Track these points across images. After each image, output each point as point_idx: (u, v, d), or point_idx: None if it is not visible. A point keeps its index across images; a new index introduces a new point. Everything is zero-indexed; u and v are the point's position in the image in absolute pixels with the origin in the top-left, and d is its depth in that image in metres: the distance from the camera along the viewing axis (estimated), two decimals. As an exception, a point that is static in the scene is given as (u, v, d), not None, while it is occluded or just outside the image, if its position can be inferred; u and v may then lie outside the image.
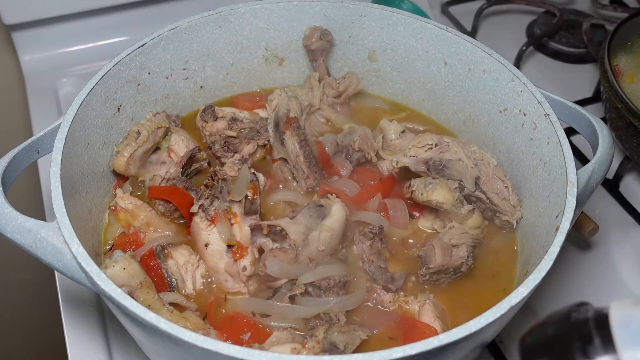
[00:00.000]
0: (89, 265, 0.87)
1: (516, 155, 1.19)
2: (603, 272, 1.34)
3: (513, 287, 1.07)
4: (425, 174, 1.17)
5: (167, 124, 1.23)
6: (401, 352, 0.78)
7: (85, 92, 1.09)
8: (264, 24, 1.33)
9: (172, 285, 1.07)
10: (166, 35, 1.23)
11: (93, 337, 1.20)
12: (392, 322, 1.05)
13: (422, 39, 1.29)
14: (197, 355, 0.81)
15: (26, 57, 1.73)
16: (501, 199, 1.14)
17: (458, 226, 1.13)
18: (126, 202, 1.14)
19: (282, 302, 1.02)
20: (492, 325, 0.83)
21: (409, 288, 1.10)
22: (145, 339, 0.92)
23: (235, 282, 1.07)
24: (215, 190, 1.11)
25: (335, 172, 1.24)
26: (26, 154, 1.04)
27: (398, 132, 1.27)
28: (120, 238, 1.13)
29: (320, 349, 0.95)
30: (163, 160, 1.22)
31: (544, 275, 0.88)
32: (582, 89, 1.70)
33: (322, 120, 1.35)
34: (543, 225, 1.05)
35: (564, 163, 1.02)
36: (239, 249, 1.07)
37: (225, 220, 1.09)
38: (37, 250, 0.92)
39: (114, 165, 1.17)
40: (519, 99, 1.16)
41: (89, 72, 1.60)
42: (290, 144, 1.21)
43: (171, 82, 1.30)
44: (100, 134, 1.15)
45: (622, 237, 1.40)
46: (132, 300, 0.83)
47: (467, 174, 1.15)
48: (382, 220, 1.15)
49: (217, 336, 1.00)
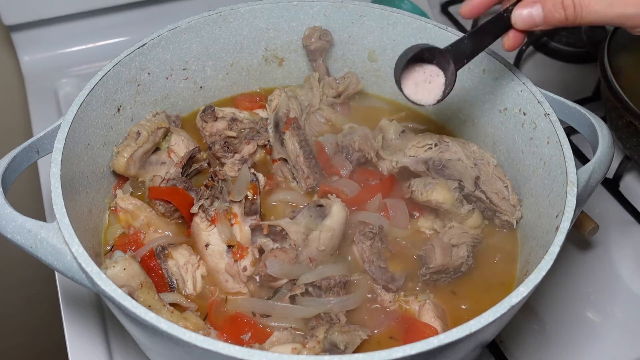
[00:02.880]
0: (89, 266, 0.87)
1: (516, 155, 1.19)
2: (603, 272, 1.34)
3: (513, 287, 1.07)
4: (425, 174, 1.17)
5: (167, 125, 1.23)
6: (401, 352, 0.78)
7: (85, 93, 1.09)
8: (263, 24, 1.33)
9: (172, 285, 1.07)
10: (166, 36, 1.23)
11: (93, 338, 1.20)
12: (393, 322, 1.05)
13: (422, 39, 1.29)
14: (197, 355, 0.82)
15: (26, 58, 1.73)
16: (501, 198, 1.14)
17: (458, 226, 1.13)
18: (126, 203, 1.14)
19: (283, 302, 1.03)
20: (492, 325, 0.83)
21: (409, 288, 1.10)
22: (145, 339, 0.92)
23: (235, 282, 1.07)
24: (215, 191, 1.11)
25: (335, 172, 1.24)
26: (26, 154, 1.04)
27: (398, 132, 1.26)
28: (120, 238, 1.13)
29: (321, 349, 0.95)
30: (163, 160, 1.22)
31: (544, 274, 0.88)
32: (582, 89, 1.70)
33: (322, 120, 1.35)
34: (543, 225, 1.05)
35: (564, 162, 1.02)
36: (239, 249, 1.07)
37: (225, 220, 1.09)
38: (38, 251, 0.92)
39: (114, 166, 1.17)
40: (518, 98, 1.16)
41: (88, 73, 1.61)
42: (290, 144, 1.21)
43: (171, 83, 1.30)
44: (100, 134, 1.15)
45: (622, 237, 1.40)
46: (132, 300, 0.83)
47: (466, 174, 1.15)
48: (382, 220, 1.15)
49: (218, 336, 1.00)
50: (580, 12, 0.89)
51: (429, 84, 1.03)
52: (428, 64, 1.03)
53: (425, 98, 1.04)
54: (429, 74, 1.03)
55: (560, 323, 1.26)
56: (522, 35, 1.00)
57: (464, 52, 1.02)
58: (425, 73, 1.03)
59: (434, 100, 1.03)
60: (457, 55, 1.01)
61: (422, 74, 1.03)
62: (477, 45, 1.03)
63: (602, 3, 0.88)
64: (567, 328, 1.25)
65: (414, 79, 1.03)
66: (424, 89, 1.03)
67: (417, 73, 1.03)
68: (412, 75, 1.03)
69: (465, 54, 1.02)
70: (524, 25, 0.97)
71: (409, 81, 1.03)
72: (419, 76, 1.03)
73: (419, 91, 1.03)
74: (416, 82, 1.03)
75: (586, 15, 0.89)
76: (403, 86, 1.03)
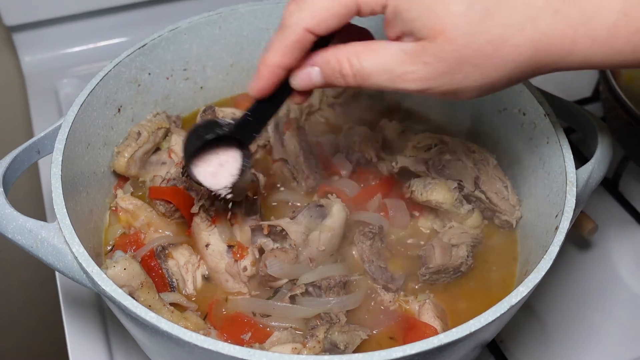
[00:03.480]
0: (89, 266, 0.87)
1: (516, 155, 1.19)
2: (603, 272, 1.34)
3: (513, 287, 1.07)
4: (425, 174, 1.17)
5: (167, 125, 1.23)
6: (401, 351, 0.78)
7: (86, 93, 1.10)
8: (263, 25, 1.33)
9: (172, 285, 1.08)
10: (166, 36, 1.24)
11: (94, 338, 1.20)
12: (393, 322, 1.05)
13: (422, 39, 1.29)
14: (197, 355, 0.82)
15: (27, 58, 1.73)
16: (501, 198, 1.14)
17: (458, 226, 1.13)
18: (127, 203, 1.14)
19: (283, 302, 1.03)
20: (492, 324, 0.83)
21: (409, 288, 1.10)
22: (146, 339, 0.92)
23: (235, 282, 1.08)
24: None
25: (335, 172, 1.24)
26: (27, 154, 1.04)
27: (398, 132, 1.27)
28: (121, 238, 1.13)
29: (321, 349, 0.95)
30: (163, 160, 1.22)
31: (543, 274, 0.88)
32: (582, 89, 1.70)
33: (322, 120, 1.35)
34: (542, 225, 1.05)
35: (563, 162, 1.02)
36: (240, 249, 1.07)
37: (225, 220, 1.09)
38: (38, 251, 0.93)
39: (114, 166, 1.17)
40: (518, 98, 1.16)
41: (89, 73, 1.60)
42: (291, 145, 1.21)
43: (171, 83, 1.30)
44: (101, 134, 1.15)
45: (621, 237, 1.40)
46: (132, 300, 0.83)
47: (466, 174, 1.15)
48: (382, 220, 1.15)
49: (218, 336, 1.00)
50: (362, 81, 0.82)
51: (222, 167, 0.97)
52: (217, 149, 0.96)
53: (224, 181, 0.98)
54: (223, 158, 0.97)
55: (560, 323, 1.26)
56: (306, 94, 0.92)
57: (251, 129, 0.94)
58: (220, 158, 0.97)
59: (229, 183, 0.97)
60: (245, 135, 0.94)
61: (216, 159, 0.97)
62: (262, 121, 0.93)
63: (382, 76, 0.81)
64: (567, 328, 1.25)
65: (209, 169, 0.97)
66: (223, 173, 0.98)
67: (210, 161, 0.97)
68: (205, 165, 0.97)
69: (253, 131, 0.94)
70: (303, 85, 0.88)
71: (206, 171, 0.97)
72: (213, 163, 0.97)
73: (219, 178, 0.98)
74: (212, 172, 0.97)
75: (369, 85, 0.82)
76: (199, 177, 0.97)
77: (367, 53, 0.82)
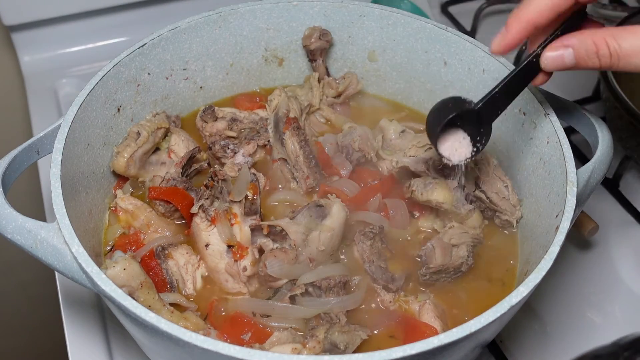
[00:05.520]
0: (89, 266, 0.87)
1: (516, 155, 1.19)
2: (603, 272, 1.34)
3: (513, 287, 1.08)
4: (425, 173, 1.17)
5: (167, 125, 1.23)
6: (401, 351, 0.78)
7: (85, 93, 1.10)
8: (263, 24, 1.33)
9: (172, 285, 1.08)
10: (166, 36, 1.23)
11: (93, 338, 1.20)
12: (393, 322, 1.05)
13: (422, 39, 1.30)
14: (197, 355, 0.82)
15: (26, 58, 1.73)
16: (501, 198, 1.14)
17: (458, 226, 1.13)
18: (126, 203, 1.14)
19: (283, 302, 1.03)
20: (492, 324, 0.83)
21: (409, 288, 1.10)
22: (145, 339, 0.92)
23: (235, 283, 1.07)
24: (215, 191, 1.11)
25: (335, 172, 1.24)
26: (26, 154, 1.04)
27: (398, 132, 1.27)
28: (120, 239, 1.13)
29: (321, 349, 0.95)
30: (163, 160, 1.22)
31: (544, 274, 0.88)
32: (582, 89, 1.70)
33: (322, 120, 1.35)
34: (543, 225, 1.05)
35: (563, 162, 1.02)
36: (239, 249, 1.07)
37: (225, 220, 1.09)
38: (38, 251, 0.92)
39: (114, 166, 1.17)
40: (518, 98, 1.16)
41: (88, 73, 1.60)
42: (290, 144, 1.21)
43: (171, 83, 1.30)
44: (100, 134, 1.15)
45: (622, 237, 1.40)
46: (132, 300, 0.83)
47: (466, 174, 1.15)
48: (382, 220, 1.15)
49: (218, 336, 1.00)
50: (617, 62, 0.85)
51: (459, 143, 1.02)
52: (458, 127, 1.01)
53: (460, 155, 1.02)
54: (461, 136, 1.01)
55: (560, 323, 1.26)
56: (549, 75, 0.98)
57: (496, 107, 0.99)
58: (458, 135, 1.01)
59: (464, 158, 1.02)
60: (490, 112, 0.99)
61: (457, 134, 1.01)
62: (509, 98, 0.99)
63: None
64: (567, 328, 1.25)
65: (451, 141, 1.01)
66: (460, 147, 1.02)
67: (453, 135, 1.01)
68: (449, 137, 1.01)
69: (498, 109, 0.99)
70: (555, 67, 0.93)
71: (447, 143, 1.01)
72: (455, 138, 1.01)
73: (455, 152, 1.02)
74: (453, 144, 1.01)
75: (623, 66, 0.86)
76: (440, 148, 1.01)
77: (626, 35, 0.84)
